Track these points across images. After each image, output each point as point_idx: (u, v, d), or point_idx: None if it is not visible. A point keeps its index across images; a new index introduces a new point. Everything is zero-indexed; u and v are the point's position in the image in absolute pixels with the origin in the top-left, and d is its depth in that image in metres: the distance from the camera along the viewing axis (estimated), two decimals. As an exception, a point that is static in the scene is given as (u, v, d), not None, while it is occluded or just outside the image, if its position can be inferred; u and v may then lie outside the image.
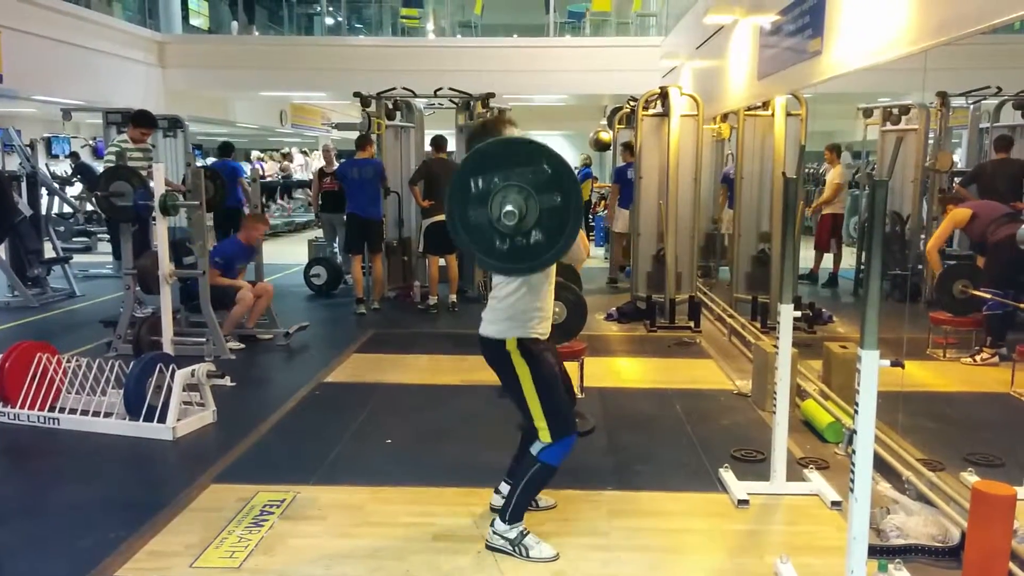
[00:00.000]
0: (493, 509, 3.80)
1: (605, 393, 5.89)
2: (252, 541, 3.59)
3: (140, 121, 7.83)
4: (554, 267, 3.45)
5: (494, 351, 3.43)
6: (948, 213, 6.79)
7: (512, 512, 3.49)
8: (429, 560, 3.45)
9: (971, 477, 3.90)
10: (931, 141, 8.76)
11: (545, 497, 3.93)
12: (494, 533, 3.52)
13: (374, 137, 9.39)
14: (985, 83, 8.09)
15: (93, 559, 3.43)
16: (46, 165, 15.04)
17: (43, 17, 11.22)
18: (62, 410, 5.20)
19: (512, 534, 3.48)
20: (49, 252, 10.40)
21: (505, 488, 3.71)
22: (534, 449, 3.44)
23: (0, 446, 4.94)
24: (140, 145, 7.76)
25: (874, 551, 3.17)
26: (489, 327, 3.44)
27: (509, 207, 2.92)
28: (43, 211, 10.88)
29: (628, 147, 10.90)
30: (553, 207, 2.98)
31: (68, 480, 4.42)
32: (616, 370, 6.68)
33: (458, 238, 3.07)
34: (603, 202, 14.14)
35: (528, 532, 3.51)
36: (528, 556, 3.44)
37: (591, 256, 13.68)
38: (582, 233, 3.27)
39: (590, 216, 13.35)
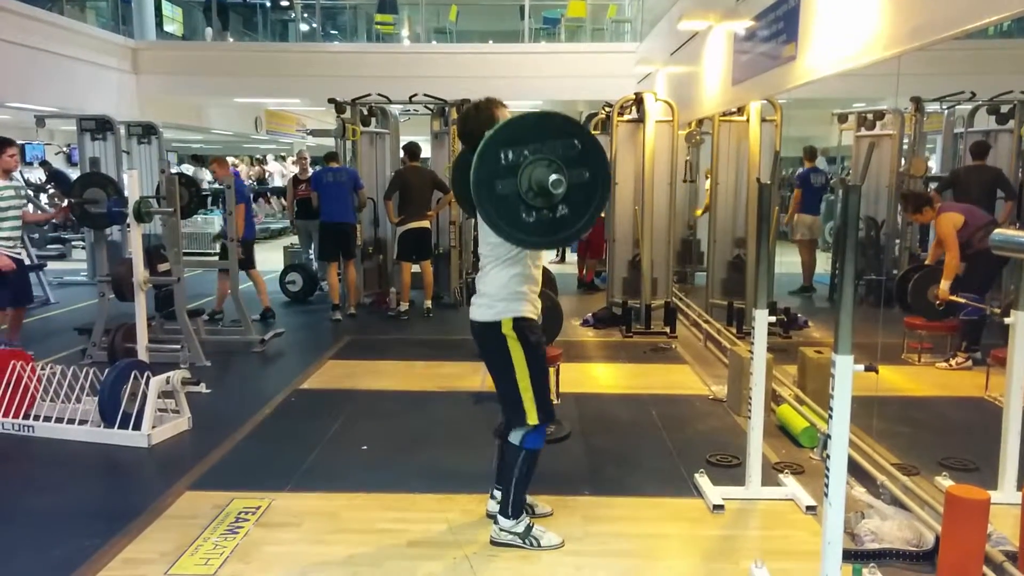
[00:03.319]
0: (489, 515, 3.83)
1: (581, 399, 5.89)
2: (227, 548, 3.56)
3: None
4: (543, 252, 3.54)
5: (489, 334, 3.44)
6: (937, 220, 6.45)
7: (514, 507, 3.57)
8: (404, 567, 3.43)
9: (945, 481, 3.93)
10: (906, 146, 8.83)
11: (542, 504, 3.96)
12: (501, 530, 3.59)
13: (340, 153, 9.41)
14: (959, 88, 8.15)
15: (67, 567, 3.40)
16: (20, 172, 14.88)
17: (16, 24, 11.09)
18: (36, 417, 5.16)
19: (520, 528, 3.57)
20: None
21: (499, 493, 3.74)
22: (515, 439, 3.51)
23: (-27, 454, 4.89)
24: (11, 183, 6.65)
25: (849, 555, 3.19)
26: (482, 311, 3.46)
27: (555, 176, 2.94)
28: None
29: None
30: (582, 183, 3.03)
31: (42, 488, 4.36)
32: (592, 376, 6.68)
33: (483, 209, 3.08)
34: None
35: (534, 524, 3.60)
36: (540, 546, 3.54)
37: (565, 262, 13.73)
38: None
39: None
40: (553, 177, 2.95)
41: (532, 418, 3.43)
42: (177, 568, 3.40)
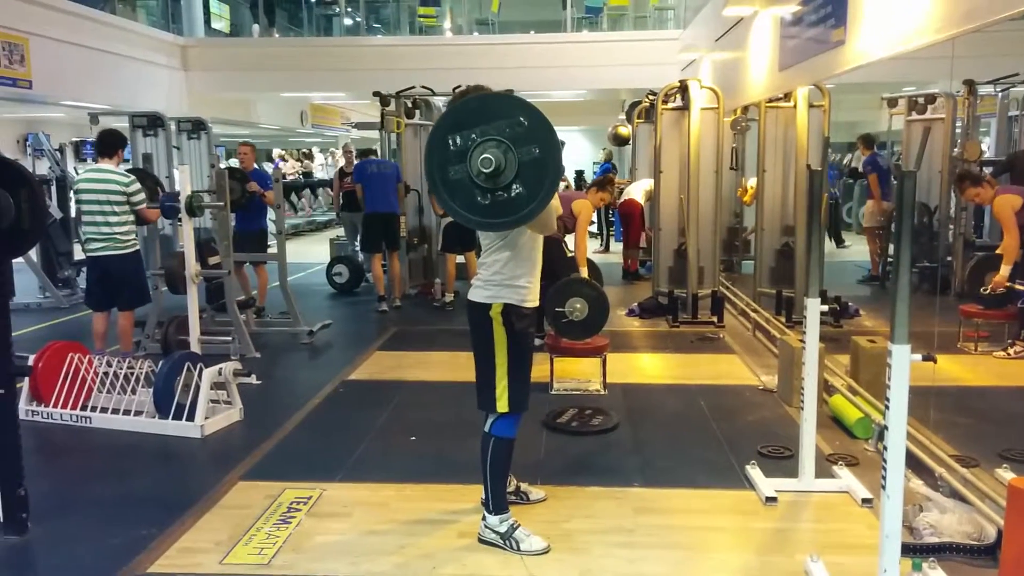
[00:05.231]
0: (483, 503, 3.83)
1: (628, 389, 5.86)
2: (280, 538, 3.60)
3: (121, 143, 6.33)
4: (541, 237, 3.49)
5: (478, 314, 3.45)
6: (995, 202, 6.34)
7: (494, 502, 3.52)
8: (455, 557, 3.44)
9: (1007, 474, 3.82)
10: (958, 130, 8.65)
11: (535, 490, 3.97)
12: (485, 527, 3.54)
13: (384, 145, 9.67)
14: (1013, 70, 7.98)
15: (125, 555, 3.46)
16: (75, 168, 15.17)
17: (70, 24, 11.33)
18: (94, 409, 5.26)
19: (503, 528, 3.50)
20: (78, 254, 10.48)
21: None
22: (486, 427, 3.50)
23: (34, 444, 4.96)
24: None
25: (907, 549, 3.13)
26: (477, 292, 3.46)
27: (486, 155, 2.93)
28: (72, 214, 10.98)
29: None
30: (532, 159, 2.99)
31: (100, 477, 4.46)
32: (639, 366, 6.65)
33: (439, 196, 3.09)
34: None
35: (518, 525, 3.52)
36: (519, 549, 3.46)
37: (609, 251, 13.65)
38: (556, 198, 3.27)
39: (610, 211, 13.30)
40: (483, 156, 2.93)
41: (503, 405, 3.42)
42: (231, 557, 3.44)
